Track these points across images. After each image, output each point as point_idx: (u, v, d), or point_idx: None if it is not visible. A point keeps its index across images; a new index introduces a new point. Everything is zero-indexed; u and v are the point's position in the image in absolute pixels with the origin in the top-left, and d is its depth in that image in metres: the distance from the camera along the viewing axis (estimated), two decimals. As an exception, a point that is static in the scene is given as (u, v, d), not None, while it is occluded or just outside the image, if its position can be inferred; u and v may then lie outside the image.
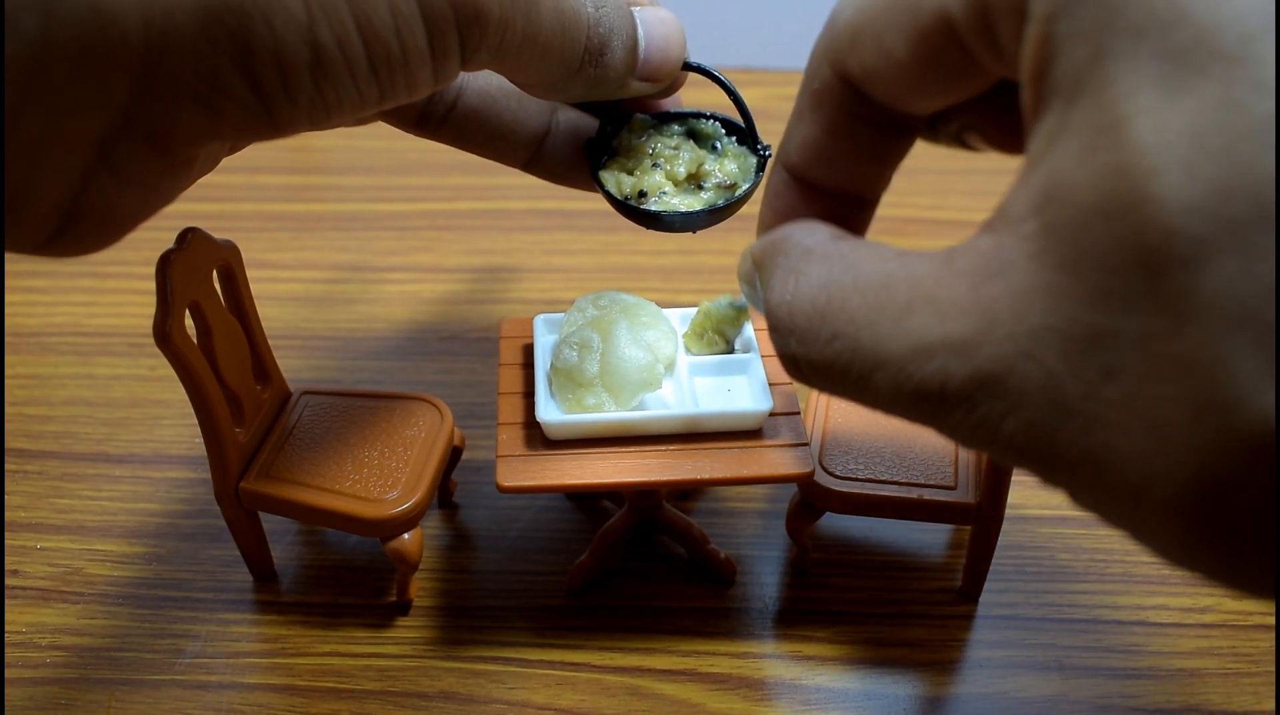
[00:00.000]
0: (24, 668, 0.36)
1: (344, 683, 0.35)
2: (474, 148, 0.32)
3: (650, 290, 0.54)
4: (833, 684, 0.35)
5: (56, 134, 0.18)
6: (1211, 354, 0.12)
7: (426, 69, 0.22)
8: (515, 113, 0.31)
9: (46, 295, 0.55)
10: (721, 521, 0.41)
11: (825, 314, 0.18)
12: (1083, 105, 0.14)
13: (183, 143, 0.20)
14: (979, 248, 0.16)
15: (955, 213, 0.62)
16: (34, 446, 0.45)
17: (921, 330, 0.16)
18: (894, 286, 0.17)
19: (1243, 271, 0.12)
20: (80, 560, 0.40)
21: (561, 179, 0.33)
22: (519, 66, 0.25)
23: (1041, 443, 0.15)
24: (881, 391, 0.17)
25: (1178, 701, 0.35)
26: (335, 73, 0.20)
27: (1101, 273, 0.13)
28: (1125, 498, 0.14)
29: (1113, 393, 0.13)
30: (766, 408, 0.34)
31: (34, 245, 0.20)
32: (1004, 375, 0.15)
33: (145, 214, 0.22)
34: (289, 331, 0.52)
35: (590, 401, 0.34)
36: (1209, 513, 0.13)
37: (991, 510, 0.35)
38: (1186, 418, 0.13)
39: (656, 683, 0.35)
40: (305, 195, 0.65)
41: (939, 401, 0.16)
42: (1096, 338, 0.14)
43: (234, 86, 0.19)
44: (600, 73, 0.27)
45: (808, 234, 0.20)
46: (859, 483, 0.36)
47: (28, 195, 0.19)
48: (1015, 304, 0.15)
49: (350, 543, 0.41)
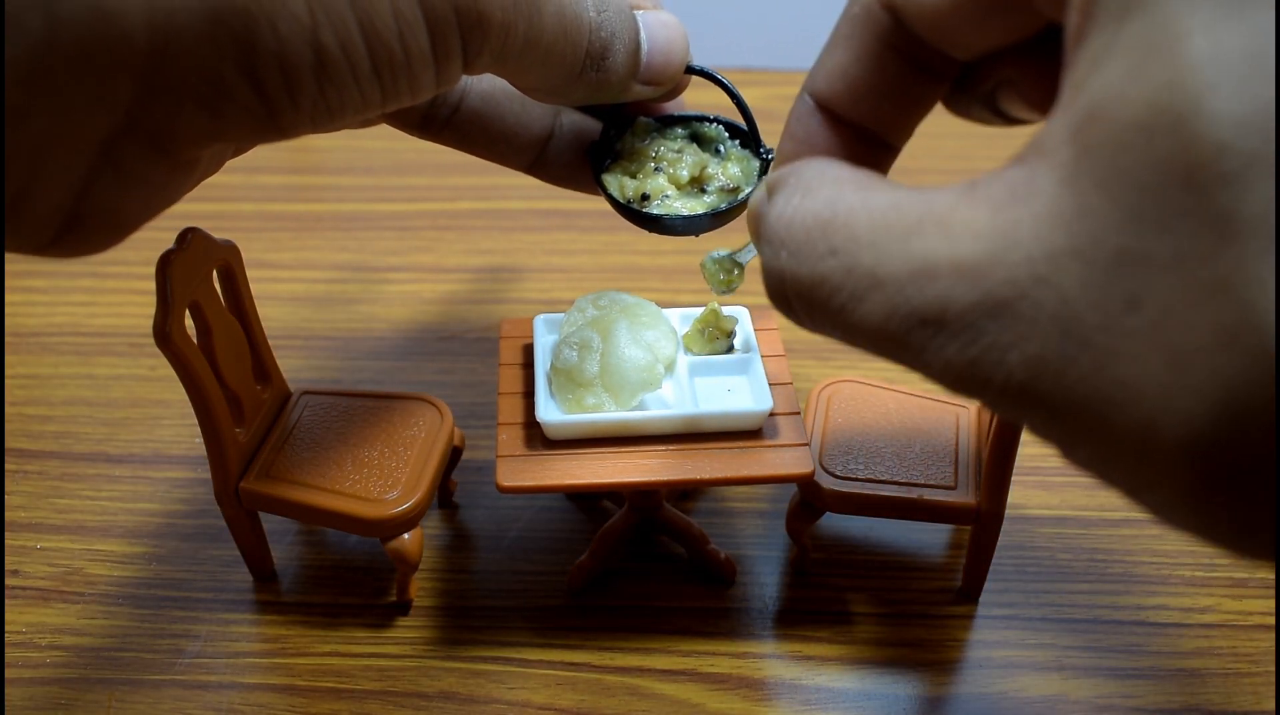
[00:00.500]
0: (24, 668, 0.36)
1: (344, 683, 0.35)
2: (477, 150, 0.32)
3: (650, 290, 0.54)
4: (833, 684, 0.35)
5: (60, 135, 0.18)
6: (1249, 274, 0.12)
7: (429, 72, 0.22)
8: (519, 115, 0.31)
9: (46, 295, 0.55)
10: (721, 521, 0.41)
11: (826, 229, 0.17)
12: (1134, 23, 0.13)
13: (186, 144, 0.20)
14: (1005, 176, 0.15)
15: (955, 213, 0.62)
16: (34, 446, 0.45)
17: (928, 251, 0.15)
18: (905, 208, 0.16)
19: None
20: (80, 560, 0.40)
21: (564, 182, 0.33)
22: (521, 70, 0.25)
23: (1046, 380, 0.14)
24: (871, 317, 0.16)
25: (1178, 701, 0.35)
26: (338, 75, 0.20)
27: (1139, 192, 0.13)
28: (1131, 444, 0.13)
29: (1134, 323, 0.13)
30: (766, 408, 0.34)
31: (37, 246, 0.20)
32: (1015, 301, 0.14)
33: (148, 215, 0.22)
34: (289, 331, 0.52)
35: (590, 401, 0.34)
36: (1223, 456, 0.12)
37: (991, 510, 0.35)
38: (1214, 343, 0.12)
39: (656, 683, 0.35)
40: (305, 195, 0.65)
41: (935, 329, 0.15)
42: (1124, 261, 0.13)
43: (237, 89, 0.19)
44: (602, 77, 0.27)
45: (826, 163, 0.19)
46: (859, 483, 0.36)
47: (31, 196, 0.19)
48: (1037, 227, 0.14)
49: (350, 543, 0.41)
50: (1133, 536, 0.41)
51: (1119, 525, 0.41)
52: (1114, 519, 0.42)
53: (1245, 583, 0.39)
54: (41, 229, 0.20)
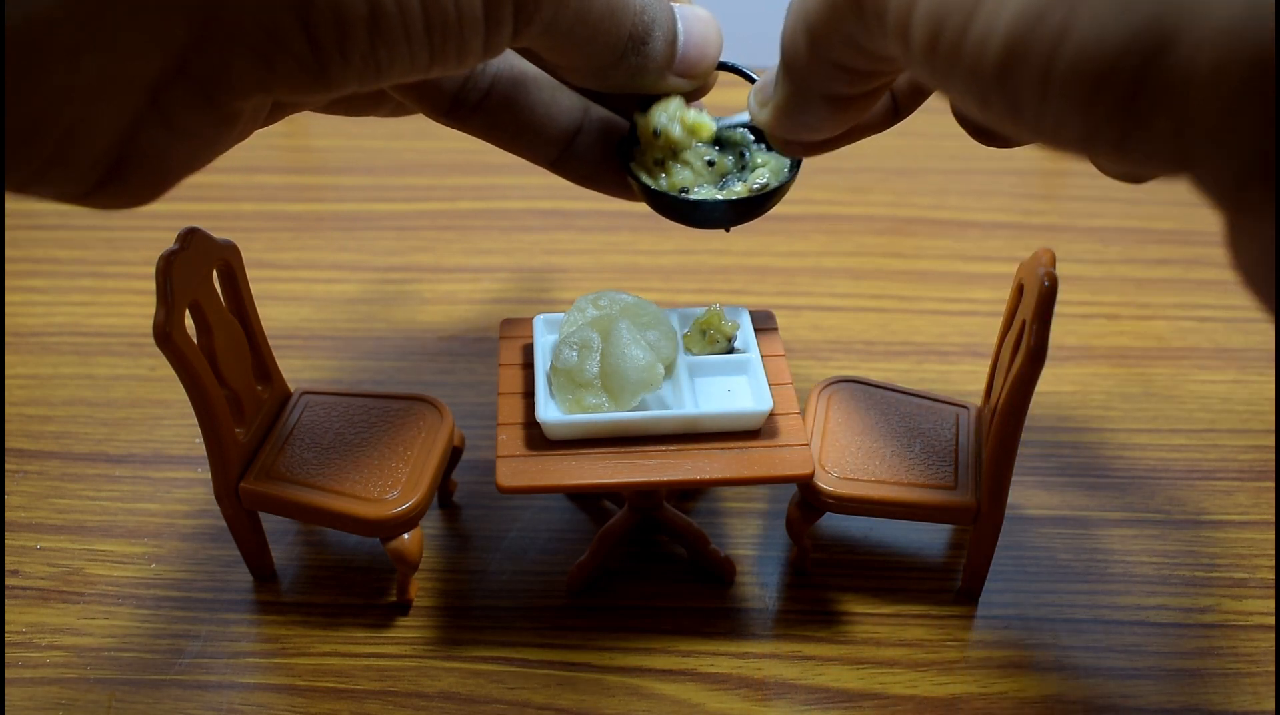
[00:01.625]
0: (24, 668, 0.36)
1: (344, 683, 0.35)
2: (504, 140, 0.31)
3: (650, 290, 0.54)
4: (833, 684, 0.35)
5: (113, 75, 0.18)
6: None
7: (479, 37, 0.22)
8: (548, 107, 0.31)
9: (46, 295, 0.55)
10: (721, 521, 0.41)
11: None
12: None
13: (235, 93, 0.20)
14: None
15: (955, 213, 0.62)
16: (34, 446, 0.45)
17: None
18: None
19: None
20: (80, 560, 0.40)
21: (588, 180, 0.32)
22: (566, 47, 0.25)
23: None
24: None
25: (1178, 701, 0.35)
26: (391, 33, 0.20)
27: None
28: None
29: None
30: (766, 408, 0.34)
31: (79, 192, 0.20)
32: None
33: (191, 167, 0.22)
34: (289, 331, 0.52)
35: (590, 401, 0.34)
36: None
37: (991, 510, 0.35)
38: None
39: (656, 683, 0.35)
40: (305, 195, 0.65)
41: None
42: None
43: (291, 38, 0.19)
44: (641, 62, 0.27)
45: None
46: (859, 483, 0.36)
47: (78, 138, 0.19)
48: None
49: (350, 543, 0.41)
50: (1133, 536, 0.41)
51: (1119, 525, 0.41)
52: (1114, 519, 0.42)
53: (1245, 583, 0.39)
54: (86, 174, 0.20)
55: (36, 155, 0.18)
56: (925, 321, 0.53)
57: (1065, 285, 0.35)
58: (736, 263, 0.58)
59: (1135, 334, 0.52)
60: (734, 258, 0.58)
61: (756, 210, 0.30)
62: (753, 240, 0.59)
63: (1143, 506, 0.42)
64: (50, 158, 0.19)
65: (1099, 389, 0.49)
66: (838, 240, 0.60)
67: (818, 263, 0.58)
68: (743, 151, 0.31)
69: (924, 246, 0.59)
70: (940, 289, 0.56)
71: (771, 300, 0.54)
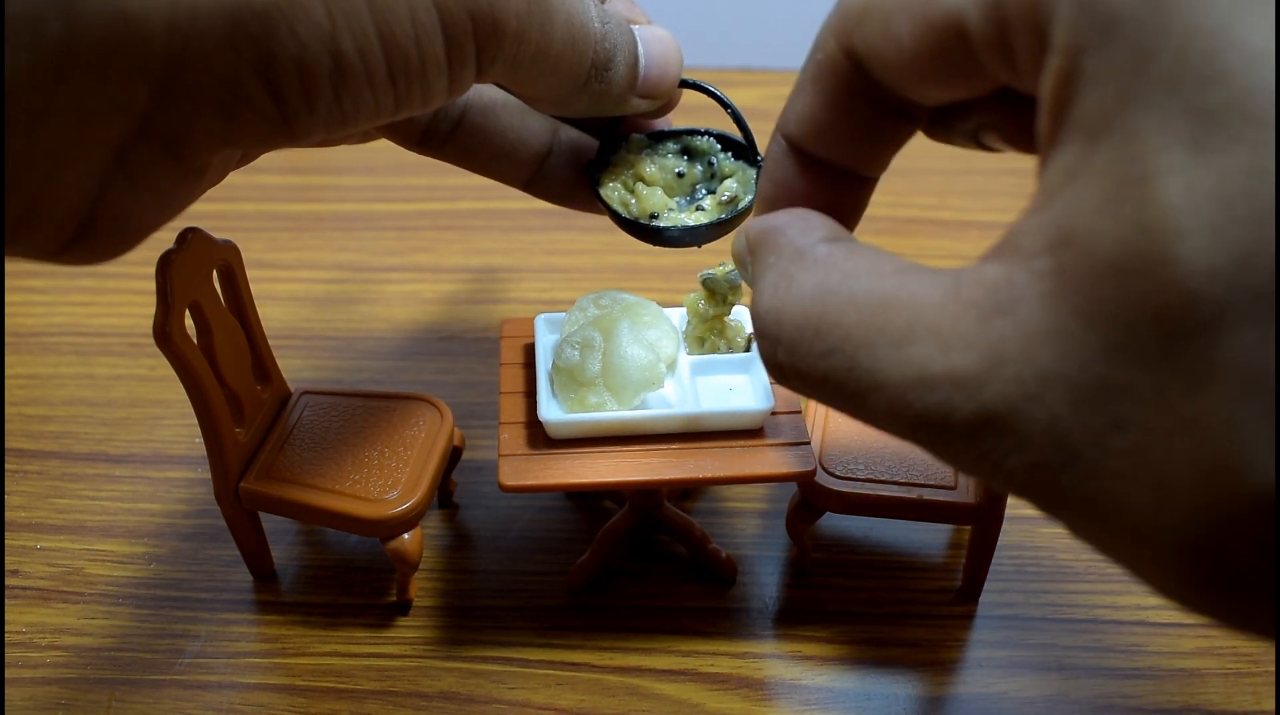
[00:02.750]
0: (24, 668, 0.36)
1: (344, 683, 0.35)
2: (476, 166, 0.32)
3: (650, 290, 0.54)
4: (833, 684, 0.35)
5: (76, 140, 0.18)
6: (1223, 418, 0.12)
7: (443, 79, 0.22)
8: (518, 131, 0.31)
9: (46, 295, 0.55)
10: (722, 521, 0.41)
11: (819, 328, 0.17)
12: (1106, 150, 0.14)
13: (200, 149, 0.20)
14: (987, 277, 0.15)
15: (955, 213, 0.62)
16: (34, 446, 0.45)
17: (924, 360, 0.16)
18: (893, 308, 0.16)
19: (1260, 341, 0.12)
20: (80, 560, 0.40)
21: (562, 199, 0.33)
22: (530, 79, 0.25)
23: (1044, 483, 0.15)
24: (877, 412, 0.16)
25: (1178, 701, 0.35)
26: (354, 81, 0.20)
27: (1118, 327, 0.13)
28: (1127, 542, 0.14)
29: (1120, 444, 0.13)
30: (768, 407, 0.34)
31: (49, 253, 0.20)
32: (1009, 416, 0.14)
33: (159, 222, 0.22)
34: (289, 331, 0.52)
35: (592, 400, 0.34)
36: (1210, 564, 0.13)
37: (991, 510, 0.35)
38: (1194, 477, 0.13)
39: (656, 683, 0.35)
40: (305, 195, 0.65)
41: (940, 431, 0.15)
42: (1108, 389, 0.13)
43: (254, 94, 0.19)
44: (604, 87, 0.27)
45: (802, 232, 0.19)
46: (859, 483, 0.36)
47: (45, 203, 0.19)
48: (1024, 344, 0.14)
49: (350, 543, 0.40)
50: (1133, 536, 0.41)
51: (1119, 525, 0.41)
52: (1114, 519, 0.42)
53: (1245, 583, 0.39)
54: (54, 236, 0.20)
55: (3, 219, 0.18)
56: (925, 321, 0.53)
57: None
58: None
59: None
60: (734, 258, 0.58)
61: (720, 230, 0.31)
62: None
63: (1143, 506, 0.42)
64: (18, 221, 0.19)
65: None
66: (838, 240, 0.60)
67: (818, 263, 0.58)
68: (710, 160, 0.32)
69: (924, 246, 0.59)
70: (940, 289, 0.56)
71: (771, 300, 0.54)
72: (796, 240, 0.19)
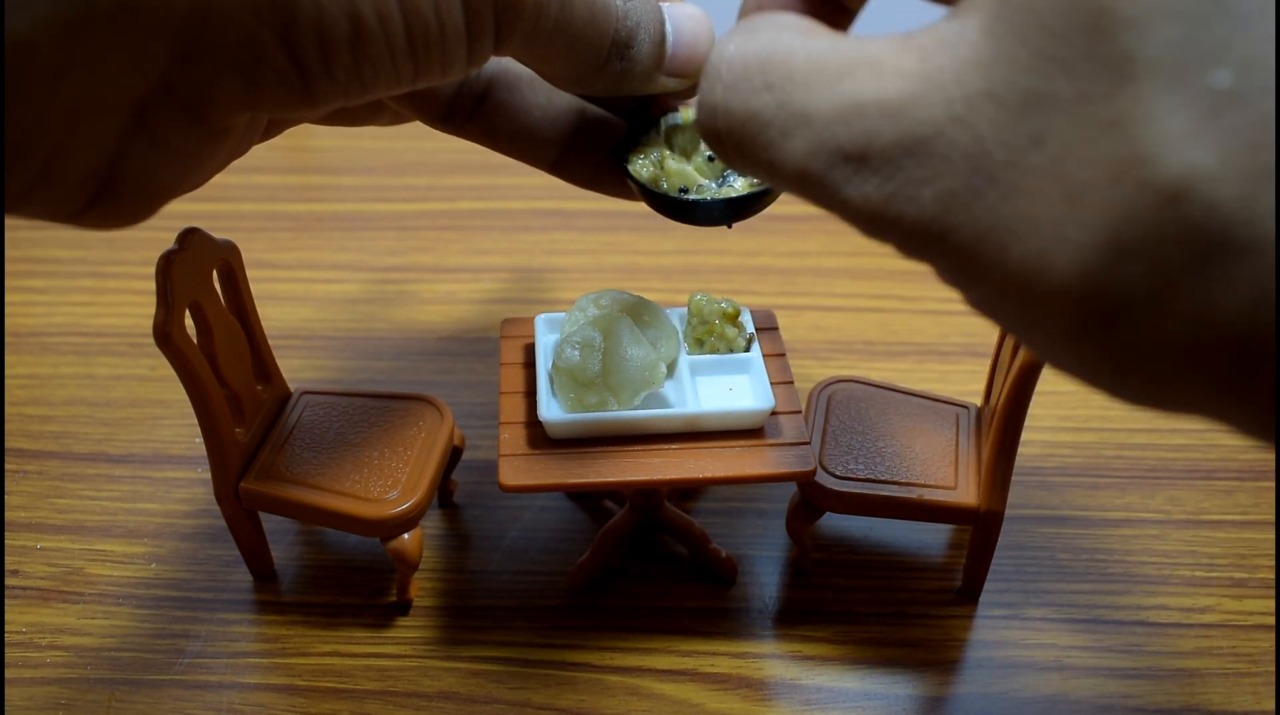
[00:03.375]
0: (24, 668, 0.36)
1: (344, 683, 0.35)
2: (502, 144, 0.31)
3: (650, 290, 0.54)
4: (833, 684, 0.35)
5: (96, 96, 0.18)
6: (1142, 111, 0.13)
7: (462, 48, 0.22)
8: (544, 109, 0.31)
9: (46, 295, 0.55)
10: (722, 521, 0.41)
11: (765, 66, 0.18)
12: None
13: (221, 111, 0.20)
14: (939, 28, 0.16)
15: (955, 213, 0.62)
16: (34, 446, 0.45)
17: (857, 90, 0.16)
18: (843, 52, 0.17)
19: (1186, 35, 0.13)
20: (80, 560, 0.40)
21: (588, 182, 0.32)
22: (549, 56, 0.25)
23: (955, 213, 0.15)
24: (796, 153, 0.17)
25: (1178, 701, 0.35)
26: (374, 47, 0.20)
27: (1047, 37, 0.14)
28: (1024, 278, 0.14)
29: (1037, 159, 0.14)
30: (768, 407, 0.34)
31: (69, 213, 0.20)
32: (931, 139, 0.15)
33: (181, 186, 0.22)
34: (289, 331, 0.52)
35: (592, 400, 0.34)
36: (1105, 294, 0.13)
37: (991, 510, 0.35)
38: (1106, 177, 0.13)
39: (656, 683, 0.35)
40: (305, 195, 0.65)
41: (857, 165, 0.16)
42: (1031, 102, 0.14)
43: (274, 56, 0.19)
44: (625, 67, 0.27)
45: (779, 13, 0.20)
46: (859, 483, 0.36)
47: (64, 159, 0.19)
48: (958, 71, 0.15)
49: (350, 543, 0.40)
50: (1133, 536, 0.41)
51: (1119, 525, 0.41)
52: (1114, 519, 0.42)
53: (1245, 583, 0.39)
54: (74, 195, 0.20)
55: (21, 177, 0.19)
56: (925, 321, 0.53)
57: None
58: (737, 263, 0.58)
59: (1135, 334, 0.52)
60: (734, 258, 0.58)
61: (756, 206, 0.30)
62: (753, 240, 0.59)
63: (1143, 506, 0.42)
64: (35, 179, 0.19)
65: (1099, 389, 0.49)
66: (838, 240, 0.60)
67: (818, 263, 0.58)
68: None
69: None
70: (940, 289, 0.56)
71: (771, 300, 0.54)
72: (770, 15, 0.20)
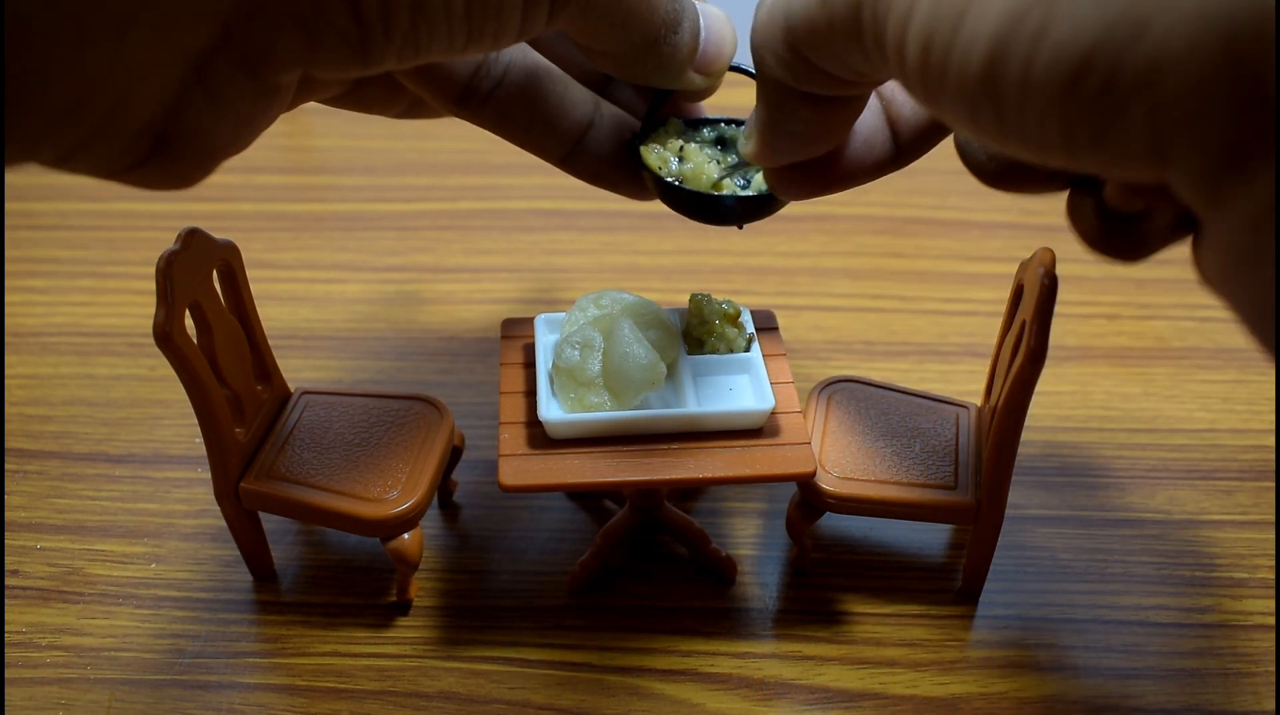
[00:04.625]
0: (24, 668, 0.36)
1: (344, 683, 0.35)
2: (515, 133, 0.31)
3: (650, 290, 0.54)
4: (833, 684, 0.35)
5: (160, 46, 0.18)
6: None
7: (516, 17, 0.22)
8: (560, 100, 0.30)
9: (46, 295, 0.55)
10: (722, 521, 0.41)
11: None
12: None
13: (277, 67, 0.20)
14: None
15: (955, 213, 0.62)
16: (34, 446, 0.45)
17: None
18: None
19: None
20: (80, 560, 0.40)
21: (599, 178, 0.32)
22: (601, 30, 0.25)
23: None
24: None
25: (1178, 701, 0.35)
26: (433, 13, 0.21)
27: None
28: None
29: None
30: (768, 407, 0.34)
31: (122, 167, 0.20)
32: None
33: (235, 144, 0.22)
34: (289, 331, 0.52)
35: (592, 400, 0.34)
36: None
37: (991, 510, 0.35)
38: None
39: (656, 683, 0.35)
40: (305, 195, 0.65)
41: None
42: None
43: (338, 15, 0.19)
44: (670, 50, 0.27)
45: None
46: (859, 483, 0.36)
47: (125, 110, 0.19)
48: None
49: (350, 543, 0.40)
50: (1133, 536, 0.41)
51: (1119, 525, 0.41)
52: (1114, 519, 0.42)
53: (1245, 583, 0.39)
54: (129, 147, 0.20)
55: (81, 127, 0.18)
56: (925, 321, 0.53)
57: (1065, 285, 0.35)
58: (736, 263, 0.58)
59: (1135, 334, 0.52)
60: (734, 258, 0.58)
61: (772, 206, 0.31)
62: (753, 240, 0.59)
63: (1143, 506, 0.42)
64: (94, 129, 0.19)
65: (1099, 389, 0.49)
66: (837, 240, 0.60)
67: (818, 263, 0.58)
68: None
69: (924, 246, 0.59)
70: (940, 289, 0.56)
71: (771, 300, 0.54)
72: None
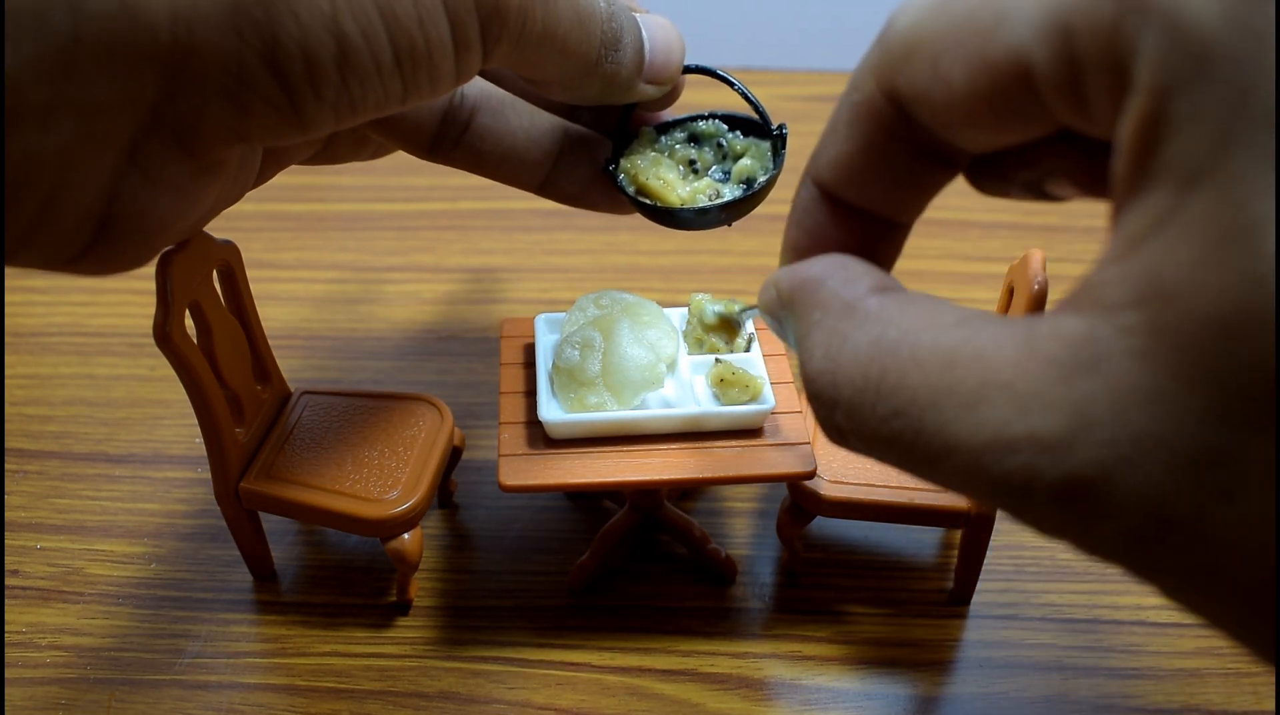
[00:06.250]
0: (24, 668, 0.36)
1: (344, 683, 0.35)
2: (489, 170, 0.32)
3: (650, 290, 0.54)
4: (833, 684, 0.35)
5: (88, 135, 0.18)
6: None
7: (449, 61, 0.22)
8: (528, 131, 0.31)
9: (46, 295, 0.55)
10: (722, 521, 0.41)
11: (880, 389, 0.16)
12: (1205, 196, 0.12)
13: (211, 142, 0.20)
14: (1065, 331, 0.14)
15: (955, 213, 0.62)
16: (34, 446, 0.45)
17: (1000, 422, 0.14)
18: (961, 365, 0.15)
19: None
20: (80, 560, 0.40)
21: (577, 200, 0.33)
22: (539, 60, 0.25)
23: (1141, 550, 0.13)
24: (952, 476, 0.15)
25: (1178, 701, 0.35)
26: (361, 65, 0.20)
27: (1224, 390, 0.12)
28: (1236, 606, 0.13)
29: (1227, 513, 0.12)
30: (769, 407, 0.34)
31: (68, 257, 0.20)
32: (1101, 481, 0.13)
33: (179, 225, 0.22)
34: (289, 331, 0.52)
35: (592, 400, 0.34)
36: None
37: (982, 513, 0.35)
38: None
39: (656, 683, 0.35)
40: (305, 195, 0.65)
41: (1023, 496, 0.14)
42: (1212, 456, 0.12)
43: (260, 79, 0.19)
44: (614, 68, 0.27)
45: (845, 284, 0.18)
46: (850, 487, 0.36)
47: (59, 203, 0.19)
48: (1116, 405, 0.13)
49: (350, 543, 0.40)
50: (1133, 536, 0.41)
51: (1119, 525, 0.41)
52: (1114, 519, 0.42)
53: (1245, 583, 0.39)
54: (71, 237, 0.20)
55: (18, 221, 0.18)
56: (925, 322, 0.53)
57: (1063, 285, 0.35)
58: (736, 263, 0.58)
59: (1135, 334, 0.52)
60: (734, 258, 0.58)
61: (752, 203, 0.31)
62: (753, 240, 0.59)
63: (1143, 506, 0.42)
64: (33, 222, 0.18)
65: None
66: (837, 240, 0.60)
67: (817, 263, 0.58)
68: (719, 142, 0.32)
69: (923, 246, 0.59)
70: (940, 289, 0.56)
71: (771, 300, 0.54)
72: (841, 293, 0.18)
